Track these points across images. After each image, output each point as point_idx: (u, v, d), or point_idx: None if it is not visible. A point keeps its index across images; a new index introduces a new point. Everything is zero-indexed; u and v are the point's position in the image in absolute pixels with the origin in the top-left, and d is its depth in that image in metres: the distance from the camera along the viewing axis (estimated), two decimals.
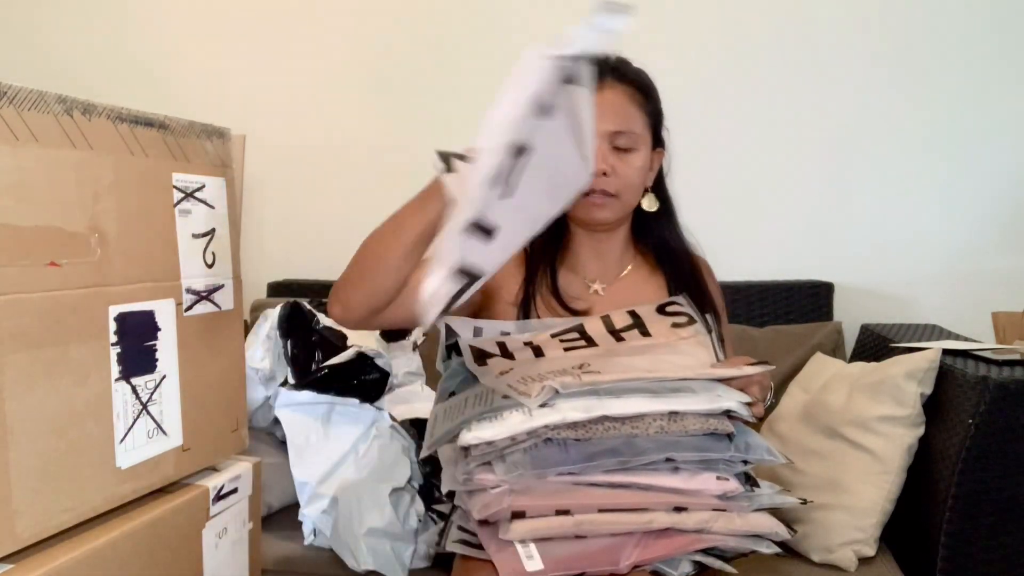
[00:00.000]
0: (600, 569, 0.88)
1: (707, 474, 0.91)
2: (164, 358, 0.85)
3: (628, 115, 1.12)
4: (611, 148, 1.11)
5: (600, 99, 1.10)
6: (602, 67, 1.13)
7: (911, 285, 1.83)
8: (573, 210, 1.15)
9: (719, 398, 0.91)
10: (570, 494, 0.89)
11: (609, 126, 1.10)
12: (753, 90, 1.85)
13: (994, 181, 1.78)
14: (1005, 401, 1.11)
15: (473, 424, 0.90)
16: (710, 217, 1.89)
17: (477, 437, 0.88)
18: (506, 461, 0.89)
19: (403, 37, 2.01)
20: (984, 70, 1.76)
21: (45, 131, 0.71)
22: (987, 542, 1.15)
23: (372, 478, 1.33)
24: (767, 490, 0.94)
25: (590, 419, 0.88)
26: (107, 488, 0.78)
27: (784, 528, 0.93)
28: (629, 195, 1.14)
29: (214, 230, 0.93)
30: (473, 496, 0.92)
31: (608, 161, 1.10)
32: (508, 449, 0.89)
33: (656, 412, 0.89)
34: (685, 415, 0.90)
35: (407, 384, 1.60)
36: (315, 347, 1.50)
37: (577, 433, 0.88)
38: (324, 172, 2.09)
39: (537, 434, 0.88)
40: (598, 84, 1.10)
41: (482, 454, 0.89)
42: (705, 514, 0.90)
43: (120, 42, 2.17)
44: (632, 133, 1.11)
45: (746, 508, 0.92)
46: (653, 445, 0.89)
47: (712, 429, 0.90)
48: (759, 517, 0.93)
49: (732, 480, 0.91)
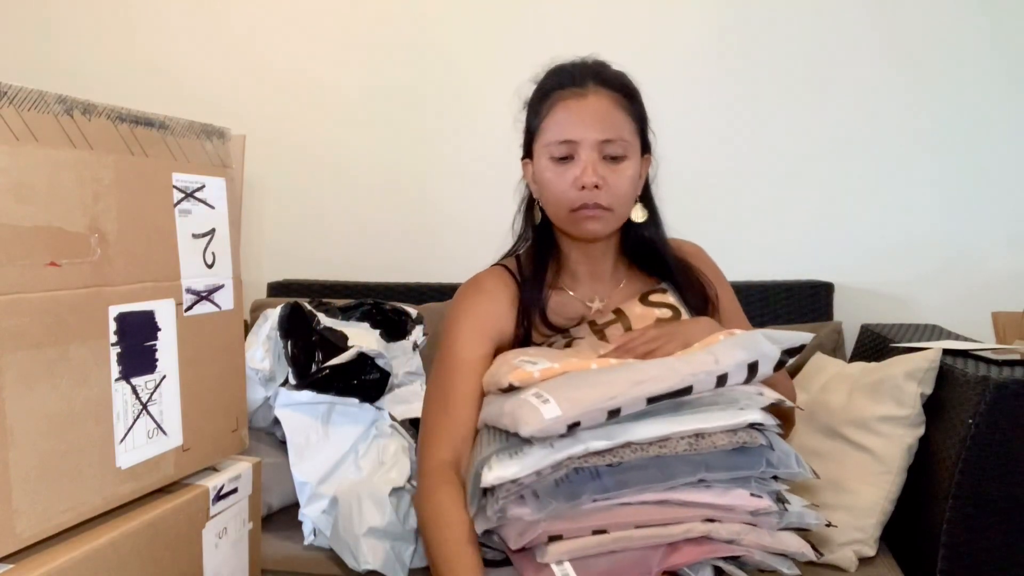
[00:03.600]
0: None
1: (740, 490, 0.89)
2: (164, 358, 0.85)
3: (616, 121, 1.05)
4: (601, 158, 1.04)
5: (584, 106, 1.05)
6: (583, 72, 1.08)
7: (911, 285, 1.83)
8: (566, 227, 1.10)
9: (741, 412, 0.89)
10: (606, 514, 0.87)
11: (597, 135, 1.04)
12: (753, 90, 1.85)
13: (994, 181, 1.78)
14: (1005, 401, 1.11)
15: (493, 462, 0.88)
16: (710, 217, 1.90)
17: (499, 477, 0.86)
18: (539, 497, 0.86)
19: (403, 38, 2.01)
20: (984, 70, 1.75)
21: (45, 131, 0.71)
22: (987, 542, 1.15)
23: (372, 478, 1.33)
24: (797, 507, 0.93)
25: (615, 446, 0.87)
26: (107, 488, 0.78)
27: (811, 550, 0.93)
28: (622, 208, 1.08)
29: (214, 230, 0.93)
30: (507, 526, 0.89)
31: (599, 172, 1.03)
32: (535, 484, 0.87)
33: (680, 432, 0.88)
34: (712, 433, 0.88)
35: (407, 384, 1.59)
36: (315, 347, 1.50)
37: (605, 460, 0.87)
38: (324, 172, 2.09)
39: (563, 465, 0.86)
40: (579, 92, 1.06)
41: (508, 493, 0.87)
42: (737, 526, 0.89)
43: (120, 42, 2.17)
44: (622, 140, 1.05)
45: (776, 525, 0.91)
46: (686, 466, 0.88)
47: (741, 443, 0.88)
48: (788, 536, 0.92)
49: (765, 498, 0.90)
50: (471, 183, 2.00)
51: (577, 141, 1.04)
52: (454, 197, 2.02)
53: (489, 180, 1.97)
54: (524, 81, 1.15)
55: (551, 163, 1.07)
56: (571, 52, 1.21)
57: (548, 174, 1.07)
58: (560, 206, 1.07)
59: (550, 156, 1.07)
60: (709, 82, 1.87)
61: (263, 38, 2.09)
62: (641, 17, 1.89)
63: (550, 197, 1.09)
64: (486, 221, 1.93)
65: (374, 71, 2.04)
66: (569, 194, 1.05)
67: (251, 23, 2.10)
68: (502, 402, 0.93)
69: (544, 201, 1.12)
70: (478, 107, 1.98)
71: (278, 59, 2.09)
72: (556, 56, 1.16)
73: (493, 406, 0.97)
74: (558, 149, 1.06)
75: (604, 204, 1.05)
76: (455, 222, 2.02)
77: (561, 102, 1.06)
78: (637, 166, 1.08)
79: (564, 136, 1.05)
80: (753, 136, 1.86)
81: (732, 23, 1.85)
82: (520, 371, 0.93)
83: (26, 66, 2.23)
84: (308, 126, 2.09)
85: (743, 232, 1.88)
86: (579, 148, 1.04)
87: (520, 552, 0.90)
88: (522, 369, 0.93)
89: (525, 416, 0.85)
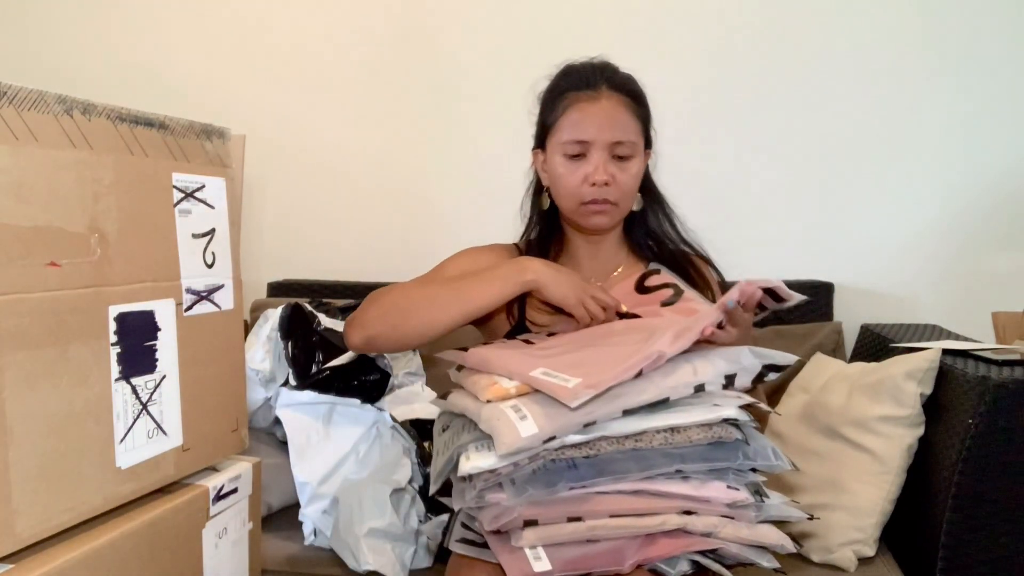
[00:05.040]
0: (605, 569, 0.88)
1: (717, 483, 0.90)
2: (164, 358, 0.85)
3: (626, 124, 1.15)
4: (610, 157, 1.14)
5: (598, 109, 1.14)
6: (595, 74, 1.17)
7: (911, 285, 1.83)
8: (575, 218, 1.19)
9: (716, 408, 0.90)
10: (581, 502, 0.89)
11: (608, 137, 1.13)
12: (753, 90, 1.85)
13: (994, 181, 1.78)
14: (1005, 401, 1.11)
15: (471, 451, 0.90)
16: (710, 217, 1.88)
17: (476, 467, 0.87)
18: (515, 484, 0.88)
19: (403, 38, 2.01)
20: (983, 70, 1.75)
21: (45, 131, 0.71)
22: (987, 542, 1.15)
23: (373, 478, 1.33)
24: (776, 500, 0.93)
25: (590, 439, 0.88)
26: (107, 488, 0.78)
27: (790, 542, 0.93)
28: (627, 202, 1.18)
29: (214, 230, 0.93)
30: (484, 509, 0.91)
31: (608, 171, 1.13)
32: (512, 474, 0.88)
33: (656, 427, 0.89)
34: (687, 428, 0.89)
35: (407, 384, 1.60)
36: (315, 348, 1.50)
37: (582, 452, 0.88)
38: (324, 172, 2.09)
39: (539, 457, 0.87)
40: (593, 95, 1.15)
41: (486, 481, 0.88)
42: (714, 519, 0.90)
43: (120, 42, 2.17)
44: (630, 142, 1.15)
45: (754, 519, 0.92)
46: (662, 458, 0.89)
47: (717, 437, 0.89)
48: (766, 529, 0.92)
49: (742, 490, 0.90)
50: (471, 183, 2.01)
51: (590, 142, 1.14)
52: (454, 197, 2.02)
53: (489, 180, 1.97)
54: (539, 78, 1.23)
55: (564, 159, 1.16)
56: (572, 52, 1.23)
57: (561, 169, 1.17)
58: (572, 199, 1.17)
59: (564, 153, 1.16)
60: (710, 82, 1.87)
61: (263, 38, 2.09)
62: (643, 14, 1.89)
63: (562, 190, 1.18)
64: (486, 221, 1.93)
65: (374, 71, 2.04)
66: (581, 189, 1.15)
67: (251, 23, 2.09)
68: (480, 406, 0.93)
69: (556, 193, 1.21)
70: (478, 107, 1.98)
71: (278, 59, 2.08)
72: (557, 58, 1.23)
73: (471, 402, 0.97)
74: (572, 148, 1.15)
75: (612, 199, 1.15)
76: (455, 222, 2.03)
77: (576, 103, 1.16)
78: (642, 163, 1.19)
79: (578, 136, 1.14)
80: (753, 136, 1.86)
81: (734, 24, 1.85)
82: (496, 387, 0.94)
83: (26, 66, 2.23)
84: (308, 126, 2.09)
85: (743, 232, 1.88)
86: (591, 148, 1.14)
87: (496, 534, 0.92)
88: (499, 385, 0.94)
89: (502, 433, 0.86)
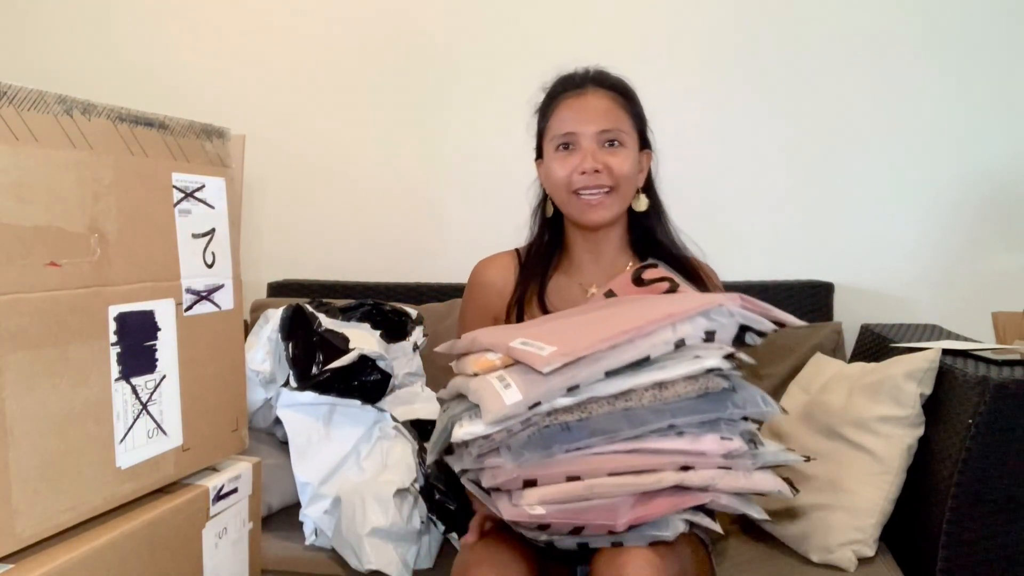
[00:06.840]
0: (599, 523, 0.90)
1: (711, 435, 0.91)
2: (164, 358, 0.85)
3: (613, 115, 1.17)
4: (600, 146, 1.16)
5: (583, 103, 1.17)
6: (584, 76, 1.21)
7: (911, 285, 1.83)
8: (572, 212, 1.20)
9: (698, 359, 0.91)
10: (579, 462, 0.90)
11: (594, 127, 1.16)
12: (752, 90, 1.85)
13: (994, 181, 1.77)
14: (1005, 401, 1.11)
15: (464, 419, 0.91)
16: (710, 218, 1.90)
17: (470, 432, 0.89)
18: (511, 449, 0.90)
19: (403, 38, 2.01)
20: (982, 70, 1.75)
21: (45, 131, 0.71)
22: (987, 542, 1.15)
23: (376, 478, 1.33)
24: (772, 447, 0.94)
25: (580, 402, 0.90)
26: (107, 488, 0.78)
27: (787, 487, 0.94)
28: (625, 187, 1.18)
29: (214, 230, 0.93)
30: (484, 470, 0.93)
31: (599, 159, 1.15)
32: (507, 440, 0.89)
33: (642, 385, 0.90)
34: (673, 382, 0.90)
35: (407, 385, 1.60)
36: (316, 349, 1.50)
37: (573, 415, 0.90)
38: (324, 172, 2.09)
39: (531, 422, 0.89)
40: (580, 92, 1.18)
41: (480, 447, 0.90)
42: (711, 471, 0.91)
43: (120, 42, 2.17)
44: (619, 130, 1.16)
45: (751, 467, 0.93)
46: (653, 415, 0.90)
47: (704, 389, 0.90)
48: (763, 476, 0.94)
49: (736, 439, 0.92)
50: (471, 184, 2.00)
51: (577, 133, 1.17)
52: (454, 197, 2.02)
53: (489, 181, 1.97)
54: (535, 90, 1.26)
55: (555, 153, 1.19)
56: (571, 53, 1.24)
57: (553, 164, 1.19)
58: (564, 190, 1.18)
59: (555, 149, 1.19)
60: (709, 82, 1.87)
61: (263, 38, 2.09)
62: (641, 15, 1.89)
63: (555, 184, 1.20)
64: (486, 221, 1.94)
65: (375, 72, 2.04)
66: (571, 178, 1.17)
67: (251, 23, 2.09)
68: (467, 380, 0.97)
69: (552, 192, 1.22)
70: (478, 108, 1.98)
71: (278, 59, 2.08)
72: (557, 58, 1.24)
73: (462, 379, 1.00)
74: (561, 141, 1.18)
75: (607, 184, 1.16)
76: (455, 222, 2.02)
77: (564, 102, 1.19)
78: (635, 155, 1.19)
79: (565, 129, 1.17)
80: (753, 136, 1.86)
81: (733, 24, 1.85)
82: (483, 360, 0.98)
83: (26, 66, 2.23)
84: (308, 126, 2.09)
85: (743, 232, 1.88)
86: (579, 139, 1.17)
87: (496, 490, 0.93)
88: (485, 358, 0.98)
89: (487, 401, 0.89)
